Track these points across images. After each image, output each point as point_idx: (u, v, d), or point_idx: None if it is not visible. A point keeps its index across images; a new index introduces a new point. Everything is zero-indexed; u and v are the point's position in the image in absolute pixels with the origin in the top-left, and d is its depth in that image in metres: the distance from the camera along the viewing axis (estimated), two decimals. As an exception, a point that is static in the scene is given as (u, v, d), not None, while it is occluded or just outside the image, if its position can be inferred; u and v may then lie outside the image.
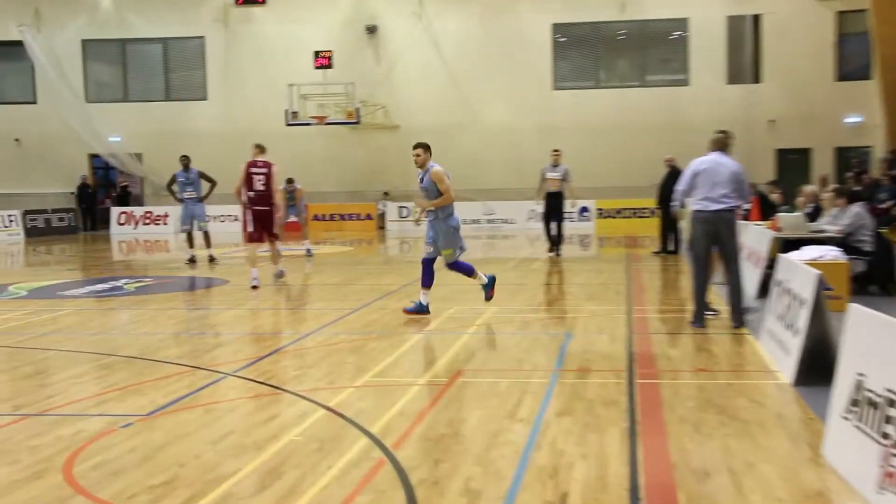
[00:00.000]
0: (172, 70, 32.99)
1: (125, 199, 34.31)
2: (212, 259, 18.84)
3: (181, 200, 18.79)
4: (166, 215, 30.92)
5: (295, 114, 29.42)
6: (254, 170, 14.56)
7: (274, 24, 31.72)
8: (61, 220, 32.31)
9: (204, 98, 32.32)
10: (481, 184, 29.79)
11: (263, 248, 15.04)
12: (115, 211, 32.43)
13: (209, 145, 29.36)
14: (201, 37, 32.30)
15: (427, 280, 11.10)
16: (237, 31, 32.07)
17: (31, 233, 30.32)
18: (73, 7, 32.32)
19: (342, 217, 31.19)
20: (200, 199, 18.74)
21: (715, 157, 9.85)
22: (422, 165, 10.91)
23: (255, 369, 8.25)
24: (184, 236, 19.82)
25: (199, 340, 10.26)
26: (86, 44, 32.72)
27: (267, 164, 14.62)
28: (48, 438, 6.12)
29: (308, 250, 20.43)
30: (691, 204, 10.08)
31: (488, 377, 7.88)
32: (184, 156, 18.76)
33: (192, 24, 32.14)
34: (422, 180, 10.95)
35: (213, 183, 18.50)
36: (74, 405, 7.06)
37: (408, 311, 11.09)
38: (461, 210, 12.07)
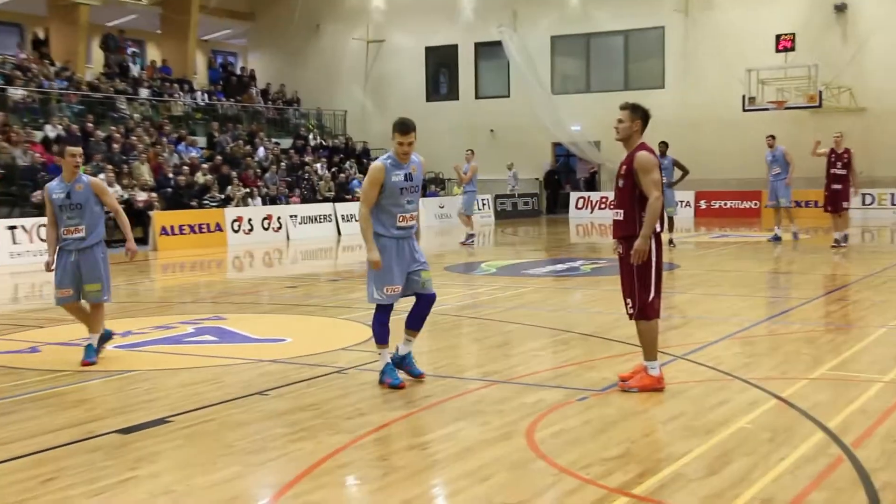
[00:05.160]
0: (632, 61, 33.40)
1: (592, 183, 35.54)
2: (671, 243, 18.76)
3: None
4: (622, 200, 31.46)
5: (752, 99, 28.40)
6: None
7: (735, 9, 30.79)
8: (526, 204, 34.26)
9: (661, 87, 32.33)
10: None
11: None
12: (574, 196, 33.69)
13: (664, 133, 29.11)
14: (661, 27, 32.30)
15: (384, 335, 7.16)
16: (697, 18, 31.61)
17: (500, 215, 32.50)
18: (545, 6, 33.87)
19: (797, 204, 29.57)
20: (670, 185, 18.67)
21: None
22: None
23: (705, 354, 8.11)
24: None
25: (651, 322, 10.31)
26: (554, 40, 34.22)
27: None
28: (513, 404, 6.52)
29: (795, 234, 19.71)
30: None
31: (964, 381, 7.04)
32: (663, 142, 18.38)
33: (653, 15, 32.23)
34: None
35: (685, 172, 18.40)
36: (535, 376, 7.44)
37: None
38: None
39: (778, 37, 28.66)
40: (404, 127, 6.92)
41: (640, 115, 6.82)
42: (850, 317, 10.34)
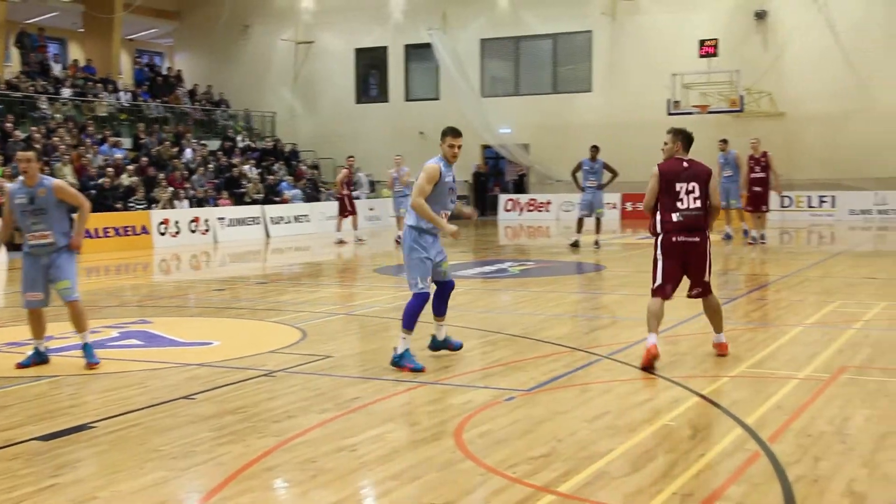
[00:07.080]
0: (560, 64, 33.77)
1: (521, 185, 35.77)
2: (597, 244, 19.04)
3: (583, 188, 19.10)
4: (549, 202, 31.82)
5: (677, 103, 28.89)
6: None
7: (660, 14, 31.35)
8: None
9: (588, 90, 32.75)
10: (874, 172, 27.63)
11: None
12: (503, 198, 33.92)
13: (591, 136, 29.55)
14: (589, 31, 32.70)
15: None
16: (623, 23, 32.10)
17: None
18: (475, 9, 34.09)
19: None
20: (600, 187, 18.99)
21: None
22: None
23: (631, 353, 8.27)
24: (574, 221, 20.12)
25: (577, 323, 10.48)
26: (484, 42, 34.41)
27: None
28: (442, 405, 6.57)
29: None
30: None
31: (876, 375, 7.30)
32: (594, 146, 19.08)
33: (581, 19, 32.63)
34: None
35: (614, 174, 18.75)
36: (464, 377, 7.51)
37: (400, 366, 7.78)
38: (854, 200, 11.12)
39: (701, 42, 29.23)
40: (456, 131, 7.92)
41: (680, 137, 7.88)
42: (769, 316, 10.63)
